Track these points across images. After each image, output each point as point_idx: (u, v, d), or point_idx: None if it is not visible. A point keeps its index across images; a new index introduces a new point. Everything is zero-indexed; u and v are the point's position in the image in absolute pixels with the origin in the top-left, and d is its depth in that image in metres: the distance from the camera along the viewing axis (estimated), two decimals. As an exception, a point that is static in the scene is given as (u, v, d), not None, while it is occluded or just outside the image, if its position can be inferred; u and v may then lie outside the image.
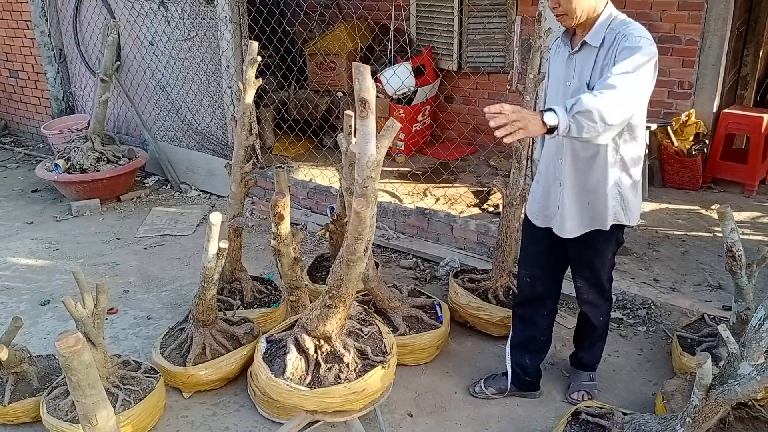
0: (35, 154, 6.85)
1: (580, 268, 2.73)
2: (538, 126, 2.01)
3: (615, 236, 2.60)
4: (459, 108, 6.01)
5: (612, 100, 2.08)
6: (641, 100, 2.29)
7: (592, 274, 2.70)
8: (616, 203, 2.49)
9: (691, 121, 4.99)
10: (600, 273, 2.69)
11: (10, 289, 4.06)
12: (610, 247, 2.64)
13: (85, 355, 1.97)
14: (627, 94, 2.12)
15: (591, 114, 2.03)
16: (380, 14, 6.04)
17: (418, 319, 3.24)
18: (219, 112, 5.40)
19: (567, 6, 2.31)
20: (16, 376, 2.87)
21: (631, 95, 2.15)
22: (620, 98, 2.10)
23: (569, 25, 2.38)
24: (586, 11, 2.32)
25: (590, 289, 2.74)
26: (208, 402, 2.98)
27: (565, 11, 2.33)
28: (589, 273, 2.71)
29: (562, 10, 2.33)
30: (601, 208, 2.48)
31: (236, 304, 3.44)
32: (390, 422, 2.81)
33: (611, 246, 2.64)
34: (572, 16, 2.32)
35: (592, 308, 2.80)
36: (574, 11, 2.31)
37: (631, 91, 2.14)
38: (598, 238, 2.56)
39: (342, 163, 3.08)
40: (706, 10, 4.85)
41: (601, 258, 2.65)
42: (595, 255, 2.64)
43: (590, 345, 2.94)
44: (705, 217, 4.65)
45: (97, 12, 6.08)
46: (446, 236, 4.36)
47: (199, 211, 5.23)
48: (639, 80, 2.18)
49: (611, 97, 2.09)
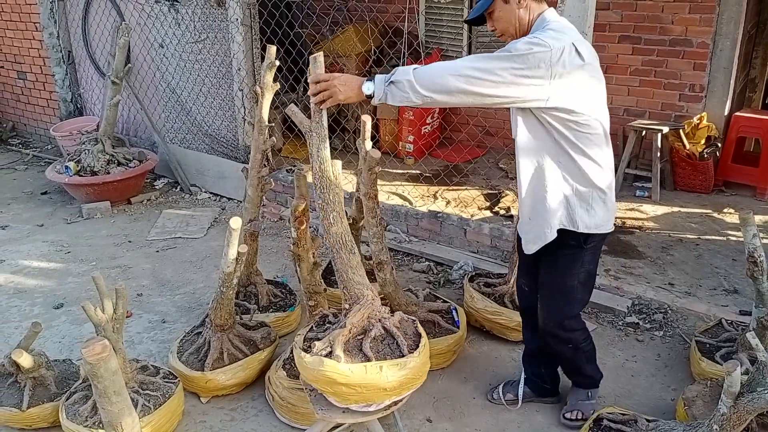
0: (44, 156, 6.85)
1: (542, 289, 2.57)
2: (352, 94, 2.16)
3: (580, 262, 2.41)
4: (469, 110, 6.00)
5: (433, 72, 2.11)
6: (486, 84, 2.09)
7: (554, 300, 2.52)
8: (560, 215, 2.34)
9: (702, 124, 4.99)
10: (562, 301, 2.50)
11: (23, 292, 4.06)
12: (574, 274, 2.44)
13: (112, 362, 1.97)
14: (457, 70, 2.09)
15: (402, 84, 2.11)
16: (390, 16, 6.03)
17: (434, 324, 3.23)
18: (230, 114, 5.39)
19: (500, 26, 2.34)
20: (34, 381, 2.86)
21: (463, 71, 2.08)
22: (444, 71, 2.10)
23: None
24: (519, 27, 2.30)
25: (550, 318, 2.55)
26: (226, 407, 2.97)
27: (501, 31, 2.35)
28: (550, 298, 2.53)
29: (499, 31, 2.36)
30: (541, 222, 2.37)
31: (252, 308, 3.44)
32: (409, 427, 2.81)
33: (576, 272, 2.43)
34: (508, 34, 2.33)
35: (555, 340, 2.61)
36: (507, 29, 2.32)
37: (465, 69, 2.08)
38: (558, 260, 2.43)
39: (360, 167, 3.08)
40: (717, 13, 4.86)
41: (562, 282, 2.46)
42: (556, 278, 2.48)
43: (573, 370, 2.80)
44: (717, 220, 4.64)
45: (107, 14, 6.08)
46: (459, 239, 4.35)
47: (210, 214, 5.23)
48: (486, 63, 2.09)
49: (433, 70, 2.11)
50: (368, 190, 3.03)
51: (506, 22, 2.31)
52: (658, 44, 5.12)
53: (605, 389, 3.02)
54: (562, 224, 2.36)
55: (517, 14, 2.29)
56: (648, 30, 5.13)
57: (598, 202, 2.35)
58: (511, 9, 2.29)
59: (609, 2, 5.19)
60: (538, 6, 2.31)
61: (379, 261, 3.09)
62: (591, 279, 2.54)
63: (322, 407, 2.24)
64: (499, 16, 2.31)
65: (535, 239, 2.43)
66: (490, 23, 2.36)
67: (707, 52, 4.96)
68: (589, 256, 2.45)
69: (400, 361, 2.13)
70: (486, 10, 2.32)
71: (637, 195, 5.11)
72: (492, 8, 2.31)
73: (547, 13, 2.31)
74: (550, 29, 2.20)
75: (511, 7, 2.28)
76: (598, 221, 2.37)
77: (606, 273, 3.88)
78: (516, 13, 2.28)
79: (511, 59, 2.08)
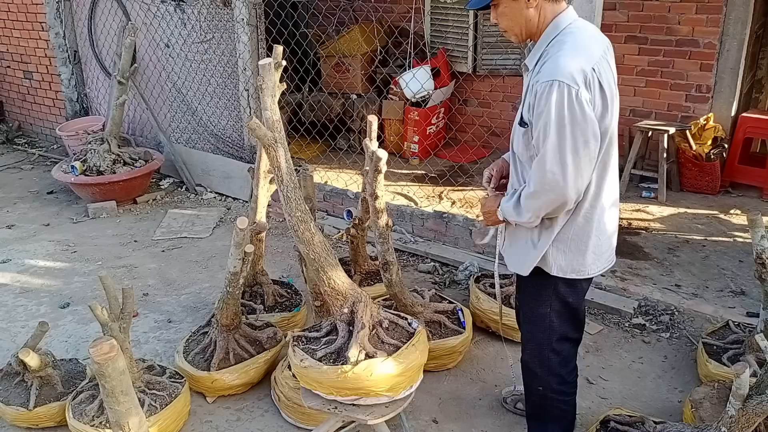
0: (49, 155, 6.87)
1: (520, 310, 2.47)
2: (499, 220, 2.26)
3: (551, 288, 2.22)
4: (475, 110, 6.00)
5: (525, 211, 2.07)
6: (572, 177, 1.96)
7: (527, 325, 2.38)
8: (531, 252, 2.19)
9: (709, 125, 4.97)
10: (535, 328, 2.32)
11: (29, 291, 4.07)
12: (545, 301, 2.25)
13: (119, 362, 1.97)
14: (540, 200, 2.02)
15: (514, 221, 2.17)
16: (395, 16, 6.03)
17: (440, 325, 3.22)
18: (235, 114, 5.40)
19: (504, 23, 2.10)
20: (40, 380, 2.87)
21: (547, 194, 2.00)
22: (535, 206, 2.04)
23: (516, 42, 2.16)
24: (526, 27, 2.07)
25: (527, 346, 2.40)
26: (232, 407, 2.97)
27: (505, 28, 2.12)
28: (524, 322, 2.41)
29: (502, 27, 2.13)
30: (518, 254, 2.25)
31: (258, 308, 3.44)
32: (415, 428, 2.80)
33: (548, 299, 2.24)
34: (512, 33, 2.11)
35: (529, 374, 2.43)
36: (512, 28, 2.09)
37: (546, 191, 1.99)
38: (530, 284, 2.28)
39: (366, 167, 3.08)
40: (724, 14, 4.84)
41: (534, 308, 2.30)
42: (529, 302, 2.33)
43: (535, 420, 2.53)
44: (724, 221, 4.63)
45: (113, 14, 6.09)
46: (465, 240, 4.34)
47: (215, 214, 5.24)
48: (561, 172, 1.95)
49: (525, 209, 2.07)
50: (374, 189, 3.03)
51: (511, 20, 2.07)
52: (665, 45, 5.10)
53: (612, 390, 3.02)
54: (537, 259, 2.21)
55: (526, 14, 2.04)
56: (654, 30, 5.12)
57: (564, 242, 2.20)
58: (518, 6, 2.03)
59: (615, 2, 5.17)
60: (552, 6, 2.05)
61: (384, 261, 3.08)
62: (569, 310, 2.27)
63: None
64: (504, 11, 2.07)
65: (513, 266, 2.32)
66: (494, 16, 2.11)
67: (714, 53, 4.94)
68: (563, 285, 2.21)
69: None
70: (490, 2, 2.07)
71: (643, 196, 5.10)
72: (498, 0, 2.06)
73: (563, 16, 2.05)
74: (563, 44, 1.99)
75: (519, 5, 2.03)
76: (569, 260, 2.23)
77: (612, 274, 3.87)
78: (524, 12, 2.03)
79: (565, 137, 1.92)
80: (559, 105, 1.90)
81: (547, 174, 1.96)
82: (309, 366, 2.31)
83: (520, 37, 2.12)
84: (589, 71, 1.94)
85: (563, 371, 2.36)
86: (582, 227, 2.13)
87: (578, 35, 2.03)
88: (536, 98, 1.96)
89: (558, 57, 1.95)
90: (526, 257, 2.21)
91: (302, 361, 2.34)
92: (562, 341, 2.32)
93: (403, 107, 5.72)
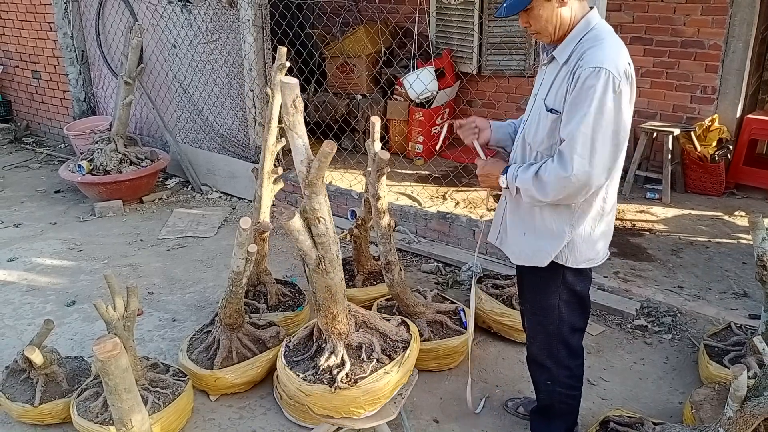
0: (57, 154, 6.93)
1: (524, 303, 2.50)
2: (496, 184, 2.25)
3: (560, 278, 2.25)
4: (480, 111, 6.01)
5: (548, 188, 2.06)
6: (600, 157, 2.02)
7: (535, 317, 2.39)
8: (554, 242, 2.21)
9: (714, 126, 4.96)
10: (544, 319, 2.34)
11: (35, 289, 4.11)
12: (554, 291, 2.28)
13: (122, 359, 2.00)
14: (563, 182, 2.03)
15: (524, 191, 2.15)
16: (400, 17, 6.05)
17: (442, 325, 3.24)
18: (241, 114, 5.43)
19: (537, 25, 2.11)
20: (46, 378, 2.91)
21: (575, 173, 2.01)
22: (558, 186, 2.05)
23: (548, 42, 2.18)
24: (560, 26, 2.10)
25: (535, 338, 2.42)
26: (235, 405, 3.00)
27: (537, 30, 2.13)
28: (531, 314, 2.41)
29: (534, 29, 2.14)
30: (538, 245, 2.24)
31: (262, 308, 3.46)
32: (416, 428, 2.82)
33: (556, 290, 2.27)
34: (546, 34, 2.13)
35: (537, 368, 2.46)
36: (546, 29, 2.10)
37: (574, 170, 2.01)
38: (537, 275, 2.29)
39: (369, 168, 3.10)
40: (730, 15, 4.83)
41: (542, 299, 2.32)
42: (536, 293, 2.35)
43: (540, 418, 2.59)
44: (728, 223, 4.62)
45: (120, 14, 6.13)
46: (468, 241, 4.36)
47: (221, 213, 5.27)
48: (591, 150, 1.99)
49: (547, 180, 2.06)
50: (376, 190, 3.04)
51: (545, 21, 2.08)
52: (670, 46, 5.10)
53: (613, 391, 3.03)
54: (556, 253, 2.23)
55: (559, 13, 2.06)
56: (660, 31, 5.11)
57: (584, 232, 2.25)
58: (551, 6, 2.05)
59: (621, 3, 5.17)
60: (581, 5, 2.10)
61: (387, 261, 3.10)
62: (577, 299, 2.31)
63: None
64: (539, 14, 2.07)
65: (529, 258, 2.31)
66: (525, 19, 2.13)
67: (719, 54, 4.93)
68: (571, 274, 2.25)
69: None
70: (526, 7, 2.07)
71: (648, 197, 5.09)
72: (532, 4, 2.06)
73: (591, 14, 2.11)
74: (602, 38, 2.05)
75: (552, 5, 2.05)
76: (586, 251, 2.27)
77: (615, 275, 3.87)
78: (557, 12, 2.06)
79: (607, 110, 1.97)
80: (603, 92, 1.96)
81: (575, 157, 2.00)
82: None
83: (553, 37, 2.14)
84: (628, 67, 2.02)
85: (572, 364, 2.40)
86: (597, 215, 2.19)
87: (611, 33, 2.10)
88: (577, 83, 2.00)
89: (603, 48, 2.02)
90: (542, 247, 2.22)
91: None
92: (571, 332, 2.35)
93: (408, 108, 5.74)
